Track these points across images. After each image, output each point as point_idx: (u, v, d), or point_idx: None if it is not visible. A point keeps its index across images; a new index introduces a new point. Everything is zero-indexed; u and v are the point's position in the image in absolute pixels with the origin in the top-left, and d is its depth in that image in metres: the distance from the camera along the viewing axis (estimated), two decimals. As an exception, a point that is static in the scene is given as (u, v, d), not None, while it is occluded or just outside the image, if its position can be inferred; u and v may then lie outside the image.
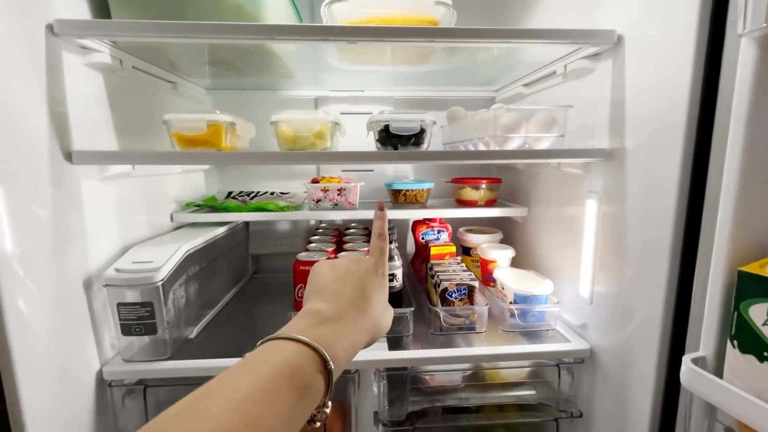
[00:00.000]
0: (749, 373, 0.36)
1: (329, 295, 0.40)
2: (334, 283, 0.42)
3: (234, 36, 0.56)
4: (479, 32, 0.60)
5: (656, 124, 0.54)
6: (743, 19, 0.37)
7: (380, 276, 0.43)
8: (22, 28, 0.50)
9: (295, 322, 0.36)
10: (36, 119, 0.52)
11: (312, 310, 0.38)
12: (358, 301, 0.40)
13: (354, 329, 0.37)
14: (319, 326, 0.35)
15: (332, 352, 0.33)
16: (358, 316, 0.38)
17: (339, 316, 0.37)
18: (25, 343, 0.49)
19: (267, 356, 0.31)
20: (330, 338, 0.34)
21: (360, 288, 0.41)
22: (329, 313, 0.37)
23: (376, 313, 0.41)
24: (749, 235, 0.40)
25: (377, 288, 0.42)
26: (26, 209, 0.50)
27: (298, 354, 0.31)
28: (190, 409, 0.26)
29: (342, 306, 0.38)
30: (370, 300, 0.40)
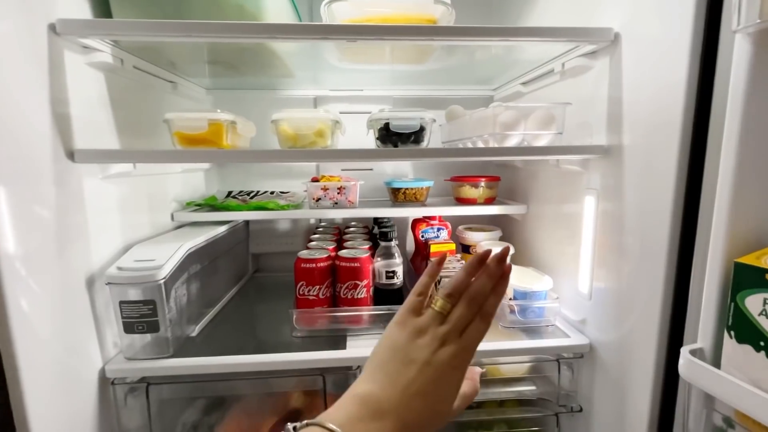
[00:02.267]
0: (746, 363, 0.37)
1: (386, 374, 0.35)
2: (393, 357, 0.36)
3: (235, 35, 0.57)
4: (478, 30, 0.61)
5: (653, 120, 0.55)
6: (737, 15, 0.37)
7: (460, 371, 0.36)
8: (25, 28, 0.50)
9: (346, 407, 0.33)
10: (38, 118, 0.52)
11: (365, 396, 0.34)
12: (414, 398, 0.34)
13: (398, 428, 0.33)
14: (364, 422, 0.32)
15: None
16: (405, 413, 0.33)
17: (386, 410, 0.33)
18: (28, 342, 0.49)
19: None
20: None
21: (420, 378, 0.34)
22: (377, 403, 0.33)
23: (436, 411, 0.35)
24: (745, 227, 0.40)
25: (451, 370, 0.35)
26: (29, 209, 0.51)
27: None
28: None
29: (395, 397, 0.34)
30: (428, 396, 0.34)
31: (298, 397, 0.75)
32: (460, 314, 0.37)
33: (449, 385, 0.36)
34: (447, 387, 0.35)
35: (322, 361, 0.65)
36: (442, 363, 0.35)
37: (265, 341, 0.73)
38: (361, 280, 0.73)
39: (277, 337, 0.73)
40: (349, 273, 0.73)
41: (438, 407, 0.35)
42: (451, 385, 0.36)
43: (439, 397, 0.35)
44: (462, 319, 0.37)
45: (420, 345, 0.36)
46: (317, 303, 0.74)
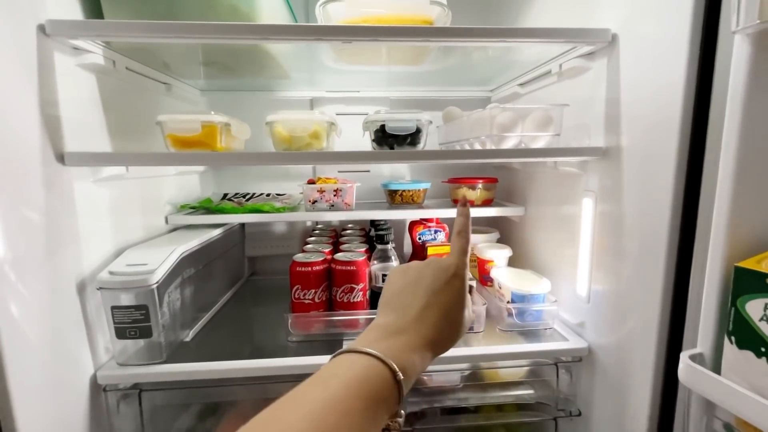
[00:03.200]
0: (747, 369, 0.36)
1: (397, 307, 0.39)
2: (401, 294, 0.40)
3: (228, 36, 0.56)
4: (474, 31, 0.60)
5: (651, 121, 0.54)
6: (736, 16, 0.37)
7: (458, 278, 0.40)
8: (13, 28, 0.50)
9: (364, 336, 0.37)
10: (27, 120, 0.51)
11: (379, 324, 0.38)
12: (425, 310, 0.38)
13: (420, 341, 0.36)
14: (386, 339, 0.35)
15: (401, 363, 0.33)
16: (423, 328, 0.37)
17: (404, 328, 0.37)
18: (17, 349, 0.48)
19: (337, 369, 0.32)
20: (397, 350, 0.34)
21: (429, 295, 0.39)
22: (395, 326, 0.37)
23: (448, 319, 0.39)
24: (745, 230, 0.40)
25: (452, 291, 0.40)
26: (18, 212, 0.50)
27: (367, 366, 0.32)
28: (270, 418, 0.28)
29: (408, 318, 0.38)
30: (439, 307, 0.38)
31: (293, 402, 0.74)
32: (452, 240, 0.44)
33: (454, 293, 0.40)
34: (453, 294, 0.40)
35: (318, 367, 0.64)
36: (441, 271, 0.40)
37: (261, 346, 0.72)
38: (357, 284, 0.72)
39: (273, 342, 0.72)
40: (345, 276, 0.72)
41: (451, 316, 0.39)
42: (456, 292, 0.40)
43: (449, 306, 0.39)
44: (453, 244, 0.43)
45: (426, 275, 0.41)
46: (313, 307, 0.73)
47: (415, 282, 0.41)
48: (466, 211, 0.45)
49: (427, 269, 0.41)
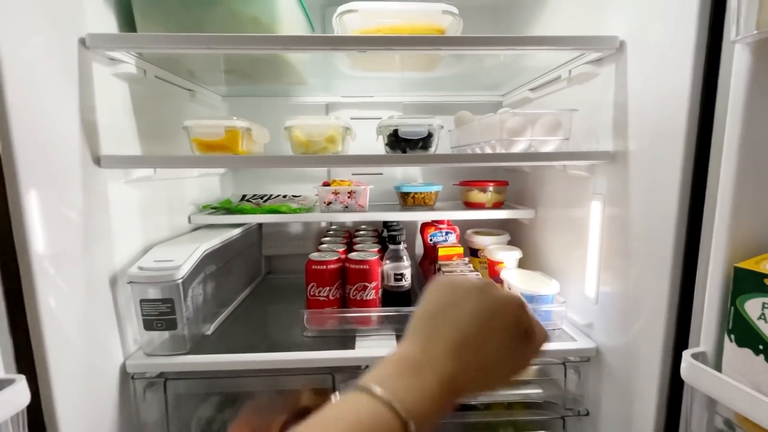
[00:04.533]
0: (746, 367, 0.38)
1: (427, 331, 0.33)
2: (440, 315, 0.34)
3: (251, 47, 0.60)
4: (485, 40, 0.62)
5: (658, 127, 0.55)
6: (736, 26, 0.38)
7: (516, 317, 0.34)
8: (58, 42, 0.54)
9: (384, 366, 0.31)
10: (69, 126, 0.56)
11: (401, 355, 0.32)
12: (459, 348, 0.31)
13: (444, 384, 0.30)
14: (404, 377, 0.30)
15: (417, 411, 0.28)
16: (452, 369, 0.31)
17: (427, 366, 0.31)
18: (57, 338, 0.52)
19: (343, 412, 0.28)
20: (416, 394, 0.29)
21: (472, 326, 0.32)
22: (416, 361, 0.31)
23: (488, 362, 0.32)
24: (746, 232, 0.41)
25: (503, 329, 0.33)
26: (58, 211, 0.54)
27: (373, 414, 0.28)
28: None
29: (434, 352, 0.31)
30: (480, 346, 0.32)
31: (308, 396, 0.77)
32: None
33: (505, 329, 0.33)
34: (502, 329, 0.33)
35: (332, 361, 0.67)
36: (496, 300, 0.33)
37: (277, 340, 0.75)
38: (369, 282, 0.75)
39: (289, 337, 0.75)
40: (358, 275, 0.75)
41: (495, 354, 0.32)
42: (507, 327, 0.33)
43: (492, 344, 0.32)
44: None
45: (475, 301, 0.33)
46: (327, 304, 0.76)
47: (460, 304, 0.34)
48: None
49: (480, 293, 0.34)
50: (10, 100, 0.47)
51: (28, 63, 0.49)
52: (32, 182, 0.49)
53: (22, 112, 0.48)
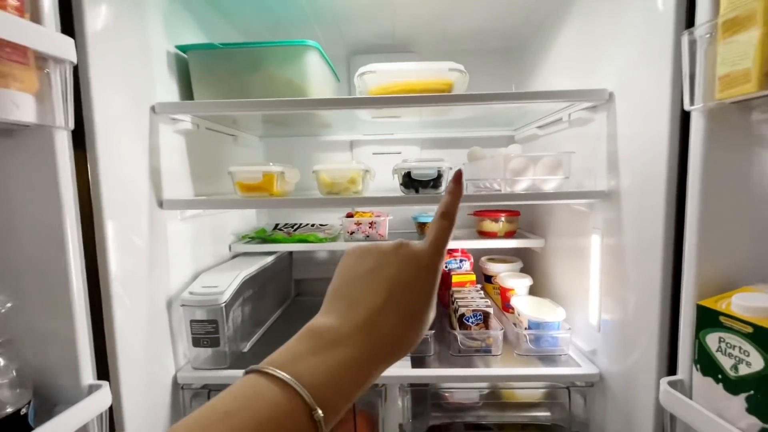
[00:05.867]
0: (710, 394, 0.43)
1: (344, 301, 0.31)
2: (355, 283, 0.32)
3: (285, 109, 0.72)
4: (488, 96, 0.71)
5: (644, 169, 0.61)
6: (689, 97, 0.45)
7: (429, 270, 0.31)
8: (135, 109, 0.68)
9: (293, 342, 0.29)
10: (139, 173, 0.69)
11: (316, 327, 0.30)
12: (382, 310, 0.30)
13: (365, 354, 0.28)
14: (316, 354, 0.28)
15: (328, 390, 0.26)
16: (373, 334, 0.29)
17: (346, 336, 0.29)
18: (125, 351, 0.64)
19: (239, 400, 0.25)
20: (327, 371, 0.27)
21: (390, 288, 0.30)
22: (335, 333, 0.29)
23: (410, 326, 0.30)
24: (710, 273, 0.46)
25: (420, 286, 0.31)
26: (131, 242, 0.66)
27: (274, 403, 0.25)
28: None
29: (357, 320, 0.29)
30: (401, 306, 0.30)
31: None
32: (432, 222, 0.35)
33: (423, 288, 0.31)
34: (420, 290, 0.31)
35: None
36: (410, 260, 0.32)
37: (304, 358, 0.84)
38: (387, 307, 0.83)
39: (315, 355, 0.84)
40: (376, 300, 0.83)
41: (415, 318, 0.31)
42: (425, 287, 0.31)
43: (414, 305, 0.31)
44: (432, 227, 0.34)
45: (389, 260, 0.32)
46: (349, 326, 0.84)
47: (375, 269, 0.32)
48: (458, 190, 0.36)
49: (393, 255, 0.32)
50: (100, 152, 0.59)
51: (114, 125, 0.62)
52: (111, 215, 0.61)
53: (108, 162, 0.60)
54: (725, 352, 0.41)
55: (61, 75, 0.49)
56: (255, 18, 0.99)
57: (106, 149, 0.60)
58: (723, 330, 0.41)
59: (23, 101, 0.44)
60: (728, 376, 0.41)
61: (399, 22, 1.03)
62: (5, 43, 0.41)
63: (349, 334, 0.29)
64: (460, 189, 0.36)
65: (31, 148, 0.51)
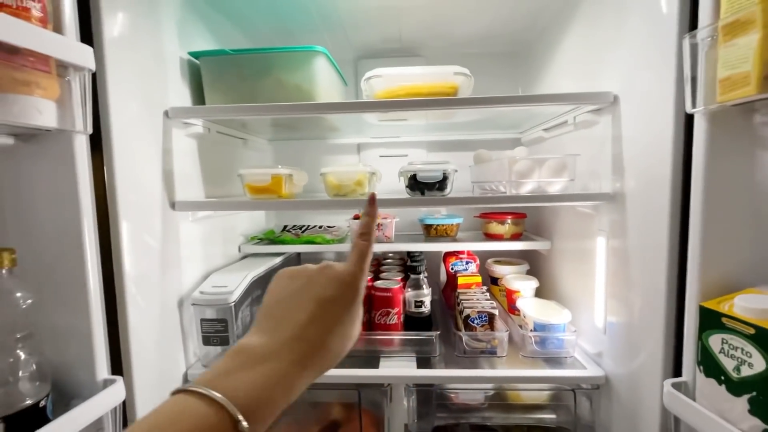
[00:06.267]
0: (712, 395, 0.43)
1: (273, 320, 0.33)
2: (284, 303, 0.34)
3: (294, 113, 0.73)
4: (493, 100, 0.72)
5: (648, 171, 0.61)
6: (691, 100, 0.45)
7: (351, 287, 0.35)
8: (150, 115, 0.70)
9: (221, 362, 0.31)
10: (153, 176, 0.71)
11: (244, 346, 0.31)
12: (310, 326, 0.32)
13: (292, 367, 0.30)
14: (244, 369, 0.29)
15: (254, 401, 0.28)
16: (300, 349, 0.31)
17: (274, 351, 0.31)
18: (138, 348, 0.66)
19: (165, 418, 0.27)
20: (253, 384, 0.28)
21: (316, 306, 0.33)
22: (262, 350, 0.31)
23: (335, 337, 0.33)
24: (714, 274, 0.46)
25: (343, 305, 0.34)
26: (144, 243, 0.68)
27: (199, 415, 0.26)
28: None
29: (284, 336, 0.32)
30: (326, 322, 0.33)
31: (338, 410, 0.86)
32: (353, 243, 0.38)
33: (347, 305, 0.34)
34: (345, 307, 0.34)
35: (358, 378, 0.76)
36: (334, 280, 0.35)
37: (311, 358, 0.85)
38: (392, 308, 0.84)
39: (321, 355, 0.85)
40: (382, 301, 0.84)
41: (340, 333, 0.34)
42: (349, 304, 0.34)
43: (339, 321, 0.34)
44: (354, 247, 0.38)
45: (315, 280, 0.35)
46: (355, 326, 0.85)
47: (302, 289, 0.35)
48: (373, 211, 0.40)
49: (318, 276, 0.35)
50: (116, 155, 0.61)
51: (129, 129, 0.64)
52: (126, 216, 0.63)
53: (123, 165, 0.63)
54: (728, 353, 0.41)
55: (81, 82, 0.51)
56: (264, 24, 1.02)
57: (122, 152, 0.62)
58: (725, 331, 0.41)
59: (45, 107, 0.47)
60: (731, 378, 0.41)
61: (406, 26, 1.05)
62: (30, 53, 0.43)
63: (276, 349, 0.31)
64: (374, 210, 0.40)
65: (52, 151, 0.54)
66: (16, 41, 0.41)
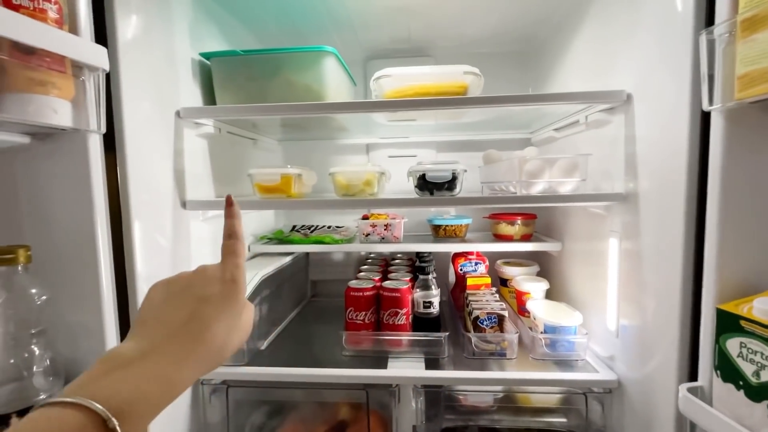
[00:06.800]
0: (730, 400, 0.42)
1: (146, 326, 0.34)
2: (162, 306, 0.35)
3: (304, 113, 0.74)
4: (503, 99, 0.71)
5: (663, 171, 0.60)
6: (707, 98, 0.44)
7: (228, 282, 0.37)
8: (162, 115, 0.71)
9: (88, 371, 0.30)
10: (166, 177, 0.72)
11: (110, 354, 0.31)
12: (189, 324, 0.33)
13: (173, 361, 0.31)
14: (108, 374, 0.29)
15: (122, 403, 0.27)
16: (183, 343, 0.32)
17: (144, 354, 0.31)
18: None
19: (28, 429, 0.26)
20: (119, 386, 0.28)
21: (196, 304, 0.34)
22: (131, 353, 0.31)
23: (217, 331, 0.34)
24: (731, 276, 0.45)
25: (222, 299, 0.35)
26: (155, 241, 0.69)
27: (63, 420, 0.26)
28: None
29: (155, 339, 0.32)
30: (206, 318, 0.34)
31: (345, 410, 0.86)
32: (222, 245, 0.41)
33: (228, 298, 0.36)
34: (226, 299, 0.36)
35: (366, 378, 0.76)
36: (211, 278, 0.37)
37: (319, 357, 0.85)
38: (401, 308, 0.84)
39: (329, 355, 0.85)
40: (390, 302, 0.84)
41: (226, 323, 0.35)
42: (229, 296, 0.36)
43: (223, 312, 0.35)
44: (223, 248, 0.41)
45: (192, 281, 0.37)
46: (363, 327, 0.85)
47: (180, 292, 0.36)
48: (233, 212, 0.42)
49: (194, 277, 0.37)
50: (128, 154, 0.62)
51: (141, 129, 0.65)
52: (137, 215, 0.64)
53: (136, 164, 0.63)
54: (747, 357, 0.40)
55: (95, 82, 0.52)
56: (274, 25, 1.02)
57: (134, 152, 0.63)
58: (744, 335, 0.40)
59: (61, 107, 0.47)
60: (750, 383, 0.40)
61: (415, 27, 1.04)
62: (46, 53, 0.44)
63: (147, 350, 0.31)
64: (232, 211, 0.42)
65: (66, 150, 0.55)
66: (33, 41, 0.42)
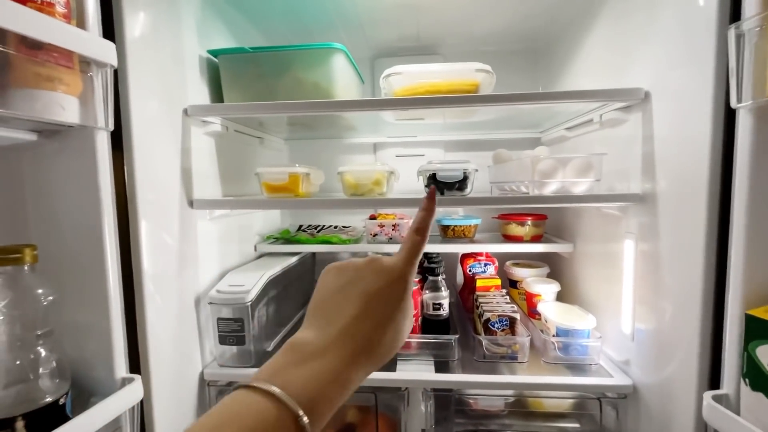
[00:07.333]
0: (760, 410, 0.40)
1: (322, 316, 0.34)
2: (332, 298, 0.34)
3: (311, 111, 0.72)
4: (516, 96, 0.70)
5: (683, 171, 0.58)
6: (736, 94, 0.43)
7: (402, 282, 0.34)
8: (170, 112, 0.70)
9: (277, 357, 0.31)
10: (173, 175, 0.71)
11: (297, 341, 0.32)
12: (357, 320, 0.32)
13: (343, 363, 0.30)
14: (298, 366, 0.30)
15: (312, 398, 0.28)
16: (350, 344, 0.31)
17: (325, 348, 0.31)
18: (156, 346, 0.65)
19: (230, 415, 0.27)
20: (309, 380, 0.29)
21: (365, 300, 0.33)
22: (315, 346, 0.31)
23: (387, 331, 0.33)
24: (760, 280, 0.43)
25: (393, 297, 0.34)
26: (162, 241, 0.68)
27: (262, 411, 0.27)
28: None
29: (333, 332, 0.32)
30: (376, 316, 0.33)
31: (353, 413, 0.84)
32: (406, 237, 0.38)
33: (396, 299, 0.34)
34: (394, 301, 0.34)
35: (375, 381, 0.75)
36: (383, 273, 0.34)
37: (327, 359, 0.84)
38: (410, 310, 0.82)
39: (337, 357, 0.84)
40: (399, 303, 0.82)
41: (391, 327, 0.33)
42: (398, 298, 0.34)
43: (388, 314, 0.33)
44: (406, 241, 0.37)
45: (362, 274, 0.35)
46: (372, 328, 0.84)
47: (350, 284, 0.34)
48: (431, 206, 0.38)
49: (366, 270, 0.35)
50: (136, 152, 0.61)
51: (149, 126, 0.64)
52: (145, 214, 0.63)
53: (143, 162, 0.62)
54: (778, 365, 0.38)
55: (103, 78, 0.51)
56: (282, 22, 1.01)
57: (142, 150, 0.62)
58: (775, 342, 0.38)
59: (68, 103, 0.46)
60: (781, 392, 0.38)
61: (424, 24, 1.03)
62: (54, 48, 0.43)
63: (327, 345, 0.31)
64: (433, 205, 0.39)
65: (74, 148, 0.54)
66: (41, 36, 0.41)
